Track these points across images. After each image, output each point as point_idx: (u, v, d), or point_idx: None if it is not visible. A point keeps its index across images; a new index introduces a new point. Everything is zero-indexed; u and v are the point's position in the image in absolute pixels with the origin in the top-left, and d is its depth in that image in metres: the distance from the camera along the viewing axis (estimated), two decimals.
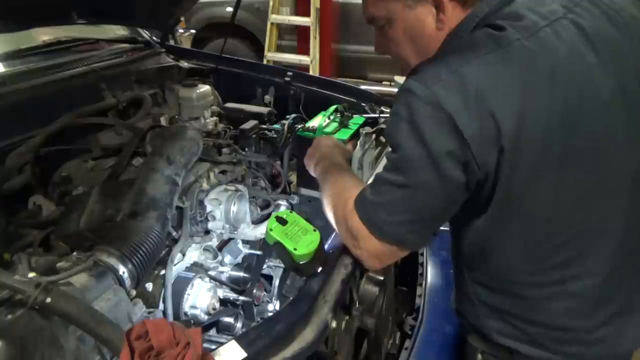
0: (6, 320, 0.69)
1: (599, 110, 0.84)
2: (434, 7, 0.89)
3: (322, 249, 1.06)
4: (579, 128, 0.83)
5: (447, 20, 0.89)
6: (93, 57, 1.77)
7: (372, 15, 0.97)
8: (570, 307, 0.94)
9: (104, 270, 0.85)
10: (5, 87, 1.41)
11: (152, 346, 0.70)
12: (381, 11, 0.94)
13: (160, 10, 1.88)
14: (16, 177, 1.26)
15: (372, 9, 0.96)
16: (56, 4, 1.44)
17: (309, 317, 0.90)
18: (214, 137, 1.57)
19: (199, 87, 1.75)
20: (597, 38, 0.85)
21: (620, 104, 0.86)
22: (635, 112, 0.88)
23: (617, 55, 0.87)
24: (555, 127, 0.81)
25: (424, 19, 0.90)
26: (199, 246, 1.20)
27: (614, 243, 0.92)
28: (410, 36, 0.94)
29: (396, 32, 0.95)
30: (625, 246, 0.93)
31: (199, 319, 1.07)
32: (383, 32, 0.98)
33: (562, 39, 0.83)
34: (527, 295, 0.95)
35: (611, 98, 0.85)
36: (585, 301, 0.94)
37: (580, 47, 0.84)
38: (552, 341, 0.96)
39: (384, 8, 0.93)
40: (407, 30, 0.93)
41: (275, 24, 5.02)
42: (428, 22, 0.90)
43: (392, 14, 0.92)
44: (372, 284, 1.20)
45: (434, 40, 0.91)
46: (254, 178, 1.49)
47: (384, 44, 1.01)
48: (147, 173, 1.08)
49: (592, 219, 0.90)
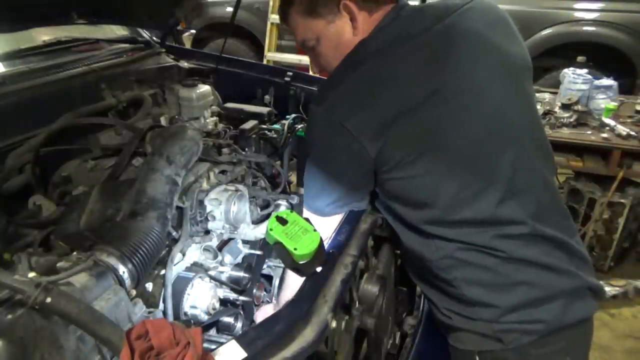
0: (6, 320, 0.69)
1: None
2: (349, 18, 1.10)
3: (322, 249, 1.06)
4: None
5: (360, 25, 1.10)
6: (93, 57, 1.77)
7: (302, 39, 1.18)
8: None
9: (104, 270, 0.85)
10: (5, 87, 1.41)
11: (152, 346, 0.71)
12: (309, 33, 1.15)
13: (160, 10, 1.88)
14: (16, 177, 1.26)
15: (302, 33, 1.16)
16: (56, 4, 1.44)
17: (309, 317, 0.90)
18: (214, 137, 1.57)
19: (199, 87, 1.75)
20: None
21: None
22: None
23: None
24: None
25: (343, 29, 1.12)
26: (199, 246, 1.20)
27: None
28: (335, 46, 1.13)
29: (324, 47, 1.15)
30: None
31: (199, 319, 1.07)
32: (315, 52, 1.18)
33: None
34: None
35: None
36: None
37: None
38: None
39: (310, 30, 1.14)
40: (331, 42, 1.14)
41: (275, 24, 5.02)
42: (346, 30, 1.12)
43: (318, 32, 1.13)
44: (372, 284, 1.20)
45: (353, 44, 1.10)
46: (254, 178, 1.49)
47: (318, 62, 1.21)
48: (147, 173, 1.08)
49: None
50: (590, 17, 4.04)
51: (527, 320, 1.03)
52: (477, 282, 1.04)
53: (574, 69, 3.01)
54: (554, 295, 1.03)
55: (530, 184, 1.05)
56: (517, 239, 1.02)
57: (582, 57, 3.26)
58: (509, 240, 1.01)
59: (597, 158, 2.70)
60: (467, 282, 1.05)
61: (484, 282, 1.04)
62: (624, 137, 2.62)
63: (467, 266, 1.04)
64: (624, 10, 3.92)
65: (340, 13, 1.10)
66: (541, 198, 1.06)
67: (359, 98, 1.00)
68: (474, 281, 1.04)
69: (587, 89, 2.87)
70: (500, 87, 1.05)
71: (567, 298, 1.04)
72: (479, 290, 1.04)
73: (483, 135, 1.01)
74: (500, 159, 1.01)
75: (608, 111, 2.80)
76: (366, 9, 1.10)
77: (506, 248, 1.01)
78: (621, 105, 2.94)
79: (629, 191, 2.70)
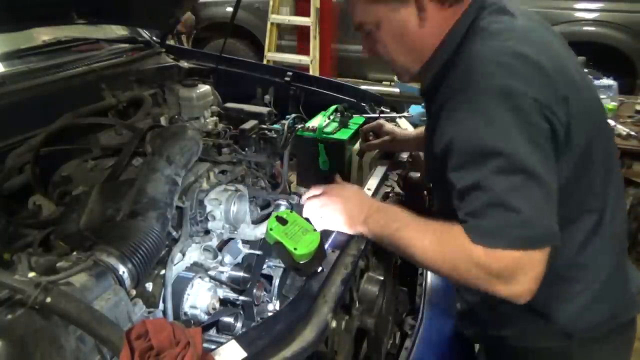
0: (6, 320, 0.68)
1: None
2: (416, 7, 0.98)
3: (322, 249, 1.06)
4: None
5: (429, 18, 0.99)
6: (93, 57, 1.77)
7: (360, 21, 1.06)
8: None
9: (104, 270, 0.85)
10: (5, 87, 1.41)
11: (152, 346, 0.70)
12: (369, 17, 1.03)
13: (160, 10, 1.88)
14: (16, 177, 1.26)
15: (360, 15, 1.05)
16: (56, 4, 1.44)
17: (309, 317, 0.90)
18: (214, 137, 1.57)
19: (199, 87, 1.75)
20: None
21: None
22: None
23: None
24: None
25: (408, 19, 1.00)
26: (199, 246, 1.20)
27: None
28: (397, 36, 1.03)
29: (384, 35, 1.04)
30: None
31: (199, 318, 1.07)
32: (371, 36, 1.07)
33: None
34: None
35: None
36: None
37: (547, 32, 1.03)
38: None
39: (372, 14, 1.02)
40: (393, 31, 1.03)
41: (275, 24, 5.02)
42: (412, 22, 1.00)
43: (378, 18, 1.02)
44: (372, 284, 1.20)
45: (419, 38, 1.02)
46: (254, 178, 1.49)
47: (372, 47, 1.10)
48: (147, 173, 1.08)
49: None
50: (590, 17, 4.04)
51: (596, 316, 1.05)
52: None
53: None
54: (620, 293, 1.08)
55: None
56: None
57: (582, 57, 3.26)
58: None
59: None
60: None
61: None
62: (624, 137, 2.62)
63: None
64: (624, 10, 3.93)
65: (406, 1, 0.98)
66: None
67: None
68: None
69: None
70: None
71: (628, 295, 1.09)
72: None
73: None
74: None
75: (608, 111, 2.80)
76: (438, 0, 0.98)
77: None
78: (621, 105, 2.94)
79: (629, 191, 2.70)
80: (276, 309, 1.22)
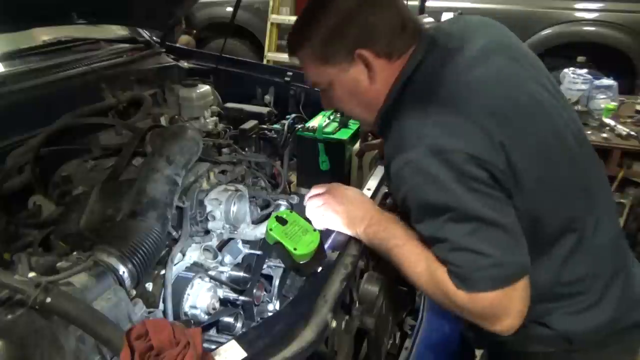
0: (6, 320, 0.69)
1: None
2: (364, 66, 1.02)
3: (322, 249, 1.06)
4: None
5: (378, 73, 1.02)
6: (93, 57, 1.77)
7: (314, 81, 1.12)
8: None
9: (104, 270, 0.85)
10: (5, 87, 1.41)
11: (152, 346, 0.70)
12: (321, 78, 1.09)
13: (160, 10, 1.88)
14: (16, 177, 1.26)
15: (313, 77, 1.11)
16: (56, 4, 1.44)
17: (309, 317, 0.90)
18: (214, 137, 1.57)
19: (199, 87, 1.75)
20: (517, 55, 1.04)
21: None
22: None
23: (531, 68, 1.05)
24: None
25: (358, 77, 1.04)
26: (199, 246, 1.20)
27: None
28: (351, 93, 1.08)
29: (337, 93, 1.09)
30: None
31: (199, 319, 1.07)
32: (327, 94, 1.12)
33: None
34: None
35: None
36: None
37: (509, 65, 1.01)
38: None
39: (323, 76, 1.07)
40: (346, 89, 1.07)
41: (275, 24, 5.02)
42: (362, 79, 1.04)
43: (330, 79, 1.07)
44: (372, 284, 1.20)
45: (372, 92, 1.05)
46: (254, 178, 1.49)
47: (329, 102, 1.15)
48: (147, 173, 1.08)
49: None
50: (591, 17, 4.04)
51: (598, 321, 1.04)
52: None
53: (574, 69, 3.00)
54: (621, 297, 1.06)
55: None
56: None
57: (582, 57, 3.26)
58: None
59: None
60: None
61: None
62: (624, 137, 2.62)
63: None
64: (624, 10, 3.92)
65: (354, 61, 1.02)
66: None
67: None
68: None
69: (587, 89, 2.87)
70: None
71: (636, 300, 1.08)
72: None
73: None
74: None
75: (608, 111, 2.80)
76: (385, 56, 1.01)
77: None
78: (621, 105, 2.94)
79: (629, 191, 2.69)
80: (276, 309, 1.22)
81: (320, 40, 1.03)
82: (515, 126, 0.92)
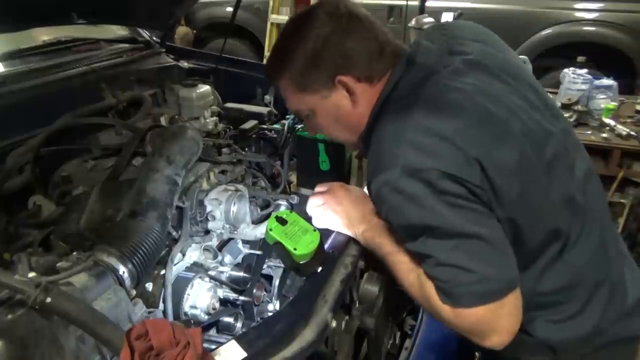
0: (6, 320, 0.69)
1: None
2: (346, 91, 1.02)
3: (322, 249, 1.06)
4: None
5: (359, 97, 1.03)
6: (93, 57, 1.77)
7: (296, 109, 1.13)
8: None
9: (104, 270, 0.85)
10: (5, 87, 1.41)
11: (152, 346, 0.71)
12: (303, 106, 1.09)
13: (160, 10, 1.88)
14: (16, 177, 1.25)
15: (294, 105, 1.11)
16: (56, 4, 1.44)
17: (309, 317, 0.90)
18: (214, 137, 1.57)
19: (199, 87, 1.75)
20: (498, 68, 1.02)
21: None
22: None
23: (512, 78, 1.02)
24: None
25: (340, 102, 1.05)
26: (199, 246, 1.20)
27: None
28: (333, 118, 1.08)
29: (320, 119, 1.10)
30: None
31: (199, 319, 1.07)
32: (310, 121, 1.13)
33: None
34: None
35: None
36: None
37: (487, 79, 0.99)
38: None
39: (304, 103, 1.08)
40: (329, 115, 1.08)
41: (275, 24, 5.01)
42: (344, 104, 1.05)
43: (312, 105, 1.07)
44: (372, 284, 1.20)
45: (354, 116, 1.06)
46: (254, 178, 1.49)
47: (313, 127, 1.16)
48: (147, 173, 1.08)
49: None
50: (590, 17, 4.04)
51: (582, 332, 1.02)
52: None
53: (574, 69, 3.00)
54: (607, 308, 1.03)
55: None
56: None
57: (582, 57, 3.26)
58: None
59: (597, 158, 2.69)
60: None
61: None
62: (624, 137, 2.62)
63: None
64: (624, 10, 3.92)
65: (335, 87, 1.02)
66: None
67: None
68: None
69: (587, 89, 2.87)
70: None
71: (624, 313, 1.04)
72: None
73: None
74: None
75: (608, 111, 2.80)
76: (366, 80, 1.02)
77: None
78: (621, 105, 2.94)
79: (629, 191, 2.69)
80: (276, 309, 1.22)
81: (298, 69, 1.02)
82: (492, 142, 0.91)
